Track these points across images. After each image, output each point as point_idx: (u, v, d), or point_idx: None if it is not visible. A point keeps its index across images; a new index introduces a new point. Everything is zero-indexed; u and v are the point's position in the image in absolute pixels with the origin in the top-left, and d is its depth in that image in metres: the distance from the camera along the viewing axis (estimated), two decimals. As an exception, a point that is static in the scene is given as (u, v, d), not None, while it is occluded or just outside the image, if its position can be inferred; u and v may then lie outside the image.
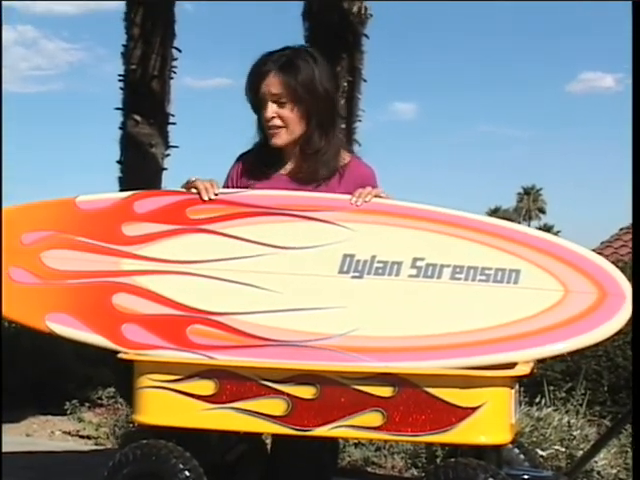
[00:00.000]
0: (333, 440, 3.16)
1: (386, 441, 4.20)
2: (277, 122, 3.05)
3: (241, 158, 3.22)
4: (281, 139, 3.07)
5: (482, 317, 2.77)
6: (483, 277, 2.81)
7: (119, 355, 2.90)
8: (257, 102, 3.07)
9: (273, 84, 3.03)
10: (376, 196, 2.99)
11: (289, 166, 3.14)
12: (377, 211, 2.95)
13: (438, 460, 3.88)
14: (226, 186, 3.16)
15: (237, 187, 3.14)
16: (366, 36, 6.14)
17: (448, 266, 2.84)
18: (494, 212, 65.18)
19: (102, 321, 2.93)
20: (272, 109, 3.04)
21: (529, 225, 52.03)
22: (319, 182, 3.08)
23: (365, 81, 6.15)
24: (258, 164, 3.15)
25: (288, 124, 3.05)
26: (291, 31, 6.15)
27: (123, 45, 6.34)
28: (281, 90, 3.03)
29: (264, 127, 3.09)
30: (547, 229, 52.85)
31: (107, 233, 3.02)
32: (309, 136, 3.07)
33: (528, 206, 75.00)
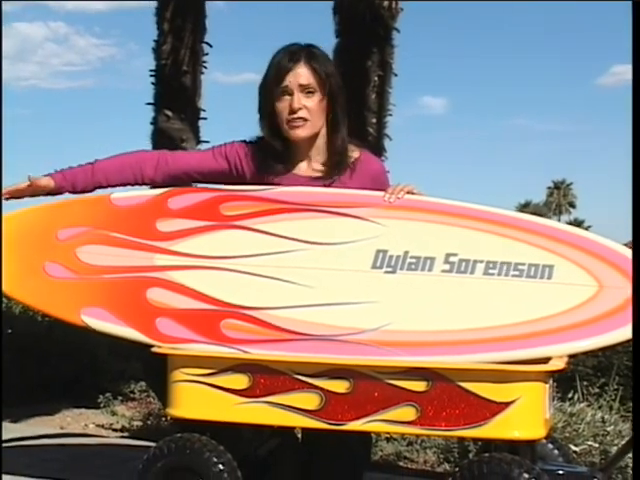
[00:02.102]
0: (366, 434, 3.16)
1: (419, 436, 4.20)
2: (304, 113, 3.04)
3: (245, 145, 3.16)
4: (304, 132, 3.06)
5: (516, 312, 2.76)
6: (516, 272, 2.81)
7: (153, 349, 2.92)
8: (277, 95, 3.05)
9: (303, 74, 3.03)
10: (409, 192, 2.98)
11: (302, 163, 3.13)
12: (410, 207, 2.95)
13: (470, 455, 3.87)
14: (224, 157, 3.13)
15: (242, 173, 3.12)
16: (397, 30, 6.11)
17: (481, 262, 2.83)
18: (524, 207, 64.86)
19: (136, 315, 2.96)
20: (299, 100, 3.04)
21: (559, 220, 51.73)
22: (332, 179, 3.07)
23: (396, 75, 6.12)
24: (264, 157, 3.12)
25: (312, 116, 3.04)
26: (321, 26, 6.14)
27: (154, 40, 6.35)
28: (311, 80, 3.03)
29: (282, 120, 3.06)
30: (578, 224, 52.53)
31: (141, 229, 3.05)
32: (334, 131, 3.08)
33: (558, 200, 74.59)
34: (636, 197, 2.92)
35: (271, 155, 3.10)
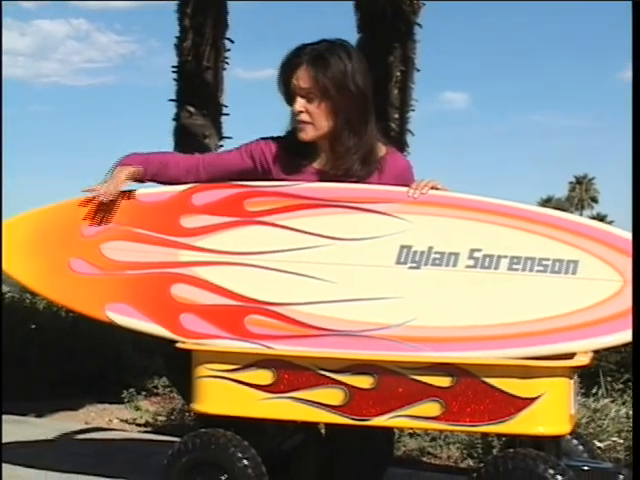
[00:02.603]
0: (389, 430, 3.16)
1: (442, 431, 4.19)
2: (304, 117, 3.03)
3: (271, 142, 3.15)
4: (307, 134, 3.05)
5: (540, 307, 2.75)
6: (541, 268, 2.80)
7: (177, 344, 2.93)
8: (288, 95, 3.06)
9: (302, 78, 3.01)
10: (433, 188, 2.97)
11: (321, 160, 3.11)
12: (434, 203, 2.94)
13: (494, 451, 3.87)
14: (249, 156, 3.13)
15: (267, 170, 3.12)
16: (419, 25, 6.10)
17: (505, 257, 2.82)
18: (546, 202, 64.59)
19: (160, 311, 2.97)
20: (300, 103, 3.02)
21: (581, 215, 51.46)
22: (355, 180, 3.05)
23: (418, 70, 6.11)
24: (289, 154, 3.12)
25: (315, 120, 3.02)
26: (343, 21, 6.14)
27: (176, 37, 6.37)
28: (309, 85, 3.00)
29: (293, 120, 3.07)
30: (600, 218, 52.23)
31: (165, 225, 3.06)
32: (337, 134, 3.03)
33: (580, 195, 74.19)
34: (636, 197, 2.92)
35: (297, 152, 3.10)
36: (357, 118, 3.03)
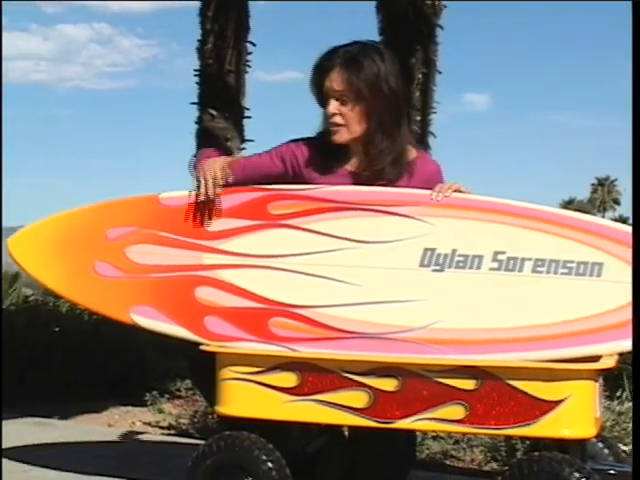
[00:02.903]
0: (411, 432, 3.16)
1: (465, 434, 4.18)
2: (338, 119, 3.02)
3: (302, 144, 3.15)
4: (341, 137, 3.04)
5: (565, 310, 2.75)
6: (565, 270, 2.79)
7: (201, 347, 2.94)
8: (321, 97, 3.06)
9: (336, 80, 3.01)
10: (456, 191, 2.97)
11: (354, 162, 3.11)
12: (457, 205, 2.94)
13: (518, 454, 3.85)
14: (280, 159, 3.12)
15: (299, 172, 3.11)
16: (440, 27, 6.08)
17: (529, 259, 2.82)
18: (568, 203, 64.32)
19: (185, 314, 2.98)
20: (334, 106, 3.02)
21: (604, 217, 51.19)
22: (386, 182, 3.04)
23: (440, 73, 6.09)
24: (321, 156, 3.11)
25: (348, 122, 3.02)
26: (364, 23, 6.13)
27: (198, 40, 6.38)
28: (343, 87, 3.00)
29: (327, 122, 3.07)
30: (622, 220, 51.91)
31: (189, 228, 3.06)
32: (371, 136, 3.03)
33: (603, 197, 73.85)
34: (636, 197, 2.91)
35: (329, 153, 3.10)
36: (390, 120, 3.03)
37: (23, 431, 4.53)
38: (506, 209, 2.91)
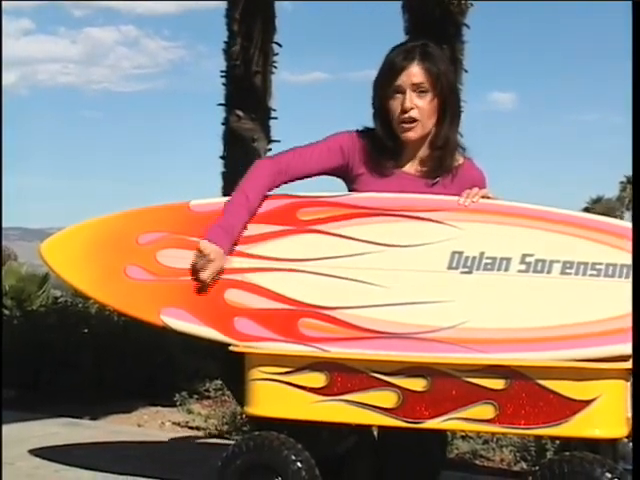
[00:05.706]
0: (442, 432, 3.15)
1: (494, 434, 4.17)
2: (415, 113, 3.04)
3: (356, 135, 3.16)
4: (415, 133, 3.06)
5: (594, 310, 2.74)
6: (594, 272, 2.78)
7: (230, 347, 2.95)
8: (390, 93, 3.06)
9: (416, 74, 3.02)
10: (483, 197, 2.98)
11: (411, 161, 3.13)
12: (485, 210, 2.95)
13: (548, 454, 3.83)
14: (340, 150, 3.12)
15: (351, 166, 3.13)
16: (467, 26, 6.07)
17: (558, 262, 2.81)
18: (596, 202, 63.82)
19: (214, 315, 2.99)
20: (412, 99, 3.03)
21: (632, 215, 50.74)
22: (435, 178, 3.08)
23: (466, 72, 6.08)
24: (373, 152, 3.12)
25: (423, 116, 3.04)
26: (390, 23, 6.12)
27: (224, 42, 6.40)
28: (424, 79, 3.02)
29: (394, 119, 3.06)
30: (651, 218, 51.39)
31: None
32: (439, 130, 3.08)
33: (631, 195, 73.24)
34: (636, 196, 2.89)
35: (382, 151, 3.12)
36: (449, 116, 3.09)
37: (53, 431, 4.57)
38: (533, 214, 2.92)
